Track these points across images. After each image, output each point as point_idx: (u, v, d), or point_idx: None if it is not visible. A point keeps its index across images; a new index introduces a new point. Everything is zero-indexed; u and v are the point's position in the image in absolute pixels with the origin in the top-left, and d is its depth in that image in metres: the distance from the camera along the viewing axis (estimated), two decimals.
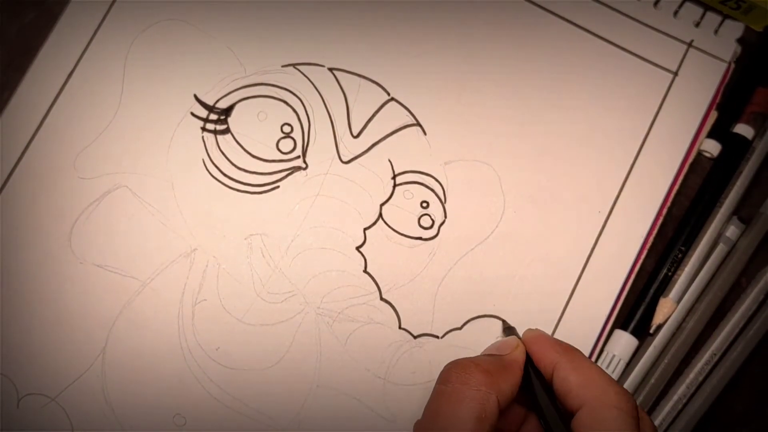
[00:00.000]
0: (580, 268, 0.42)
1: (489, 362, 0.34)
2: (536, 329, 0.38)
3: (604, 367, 0.42)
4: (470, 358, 0.35)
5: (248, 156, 0.43)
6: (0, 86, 0.44)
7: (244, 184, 0.43)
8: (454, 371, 0.33)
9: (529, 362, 0.36)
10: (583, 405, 0.33)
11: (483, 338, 0.41)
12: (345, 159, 0.43)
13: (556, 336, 0.41)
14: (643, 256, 0.43)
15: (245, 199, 0.43)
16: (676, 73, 0.44)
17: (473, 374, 0.33)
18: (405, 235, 0.42)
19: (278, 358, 0.41)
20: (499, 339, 0.39)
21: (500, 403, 0.33)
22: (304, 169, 0.43)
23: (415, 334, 0.41)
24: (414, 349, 0.41)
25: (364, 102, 0.44)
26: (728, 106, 0.45)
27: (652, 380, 0.41)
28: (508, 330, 0.41)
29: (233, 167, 0.43)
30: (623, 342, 0.42)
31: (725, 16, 0.45)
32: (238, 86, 0.44)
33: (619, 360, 0.42)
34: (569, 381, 0.34)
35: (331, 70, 0.44)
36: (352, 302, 0.42)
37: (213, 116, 0.43)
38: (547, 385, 0.35)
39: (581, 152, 0.43)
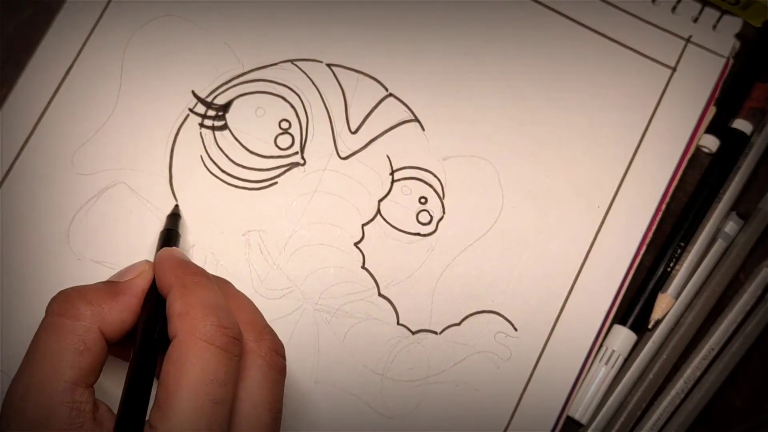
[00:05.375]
0: (579, 264, 0.42)
1: (95, 291, 0.32)
2: (169, 248, 0.35)
3: (603, 363, 0.42)
4: (78, 286, 0.32)
5: (246, 152, 0.43)
6: None
7: (242, 180, 0.43)
8: (56, 302, 0.32)
9: (153, 289, 0.33)
10: (175, 336, 0.30)
11: (481, 334, 0.41)
12: (343, 155, 0.43)
13: (555, 332, 0.41)
14: (642, 252, 0.43)
15: (243, 195, 0.43)
16: (674, 69, 0.44)
17: (74, 304, 0.31)
18: (403, 231, 0.42)
19: None
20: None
21: (107, 335, 0.31)
22: (302, 165, 0.43)
23: (414, 330, 0.41)
24: (412, 345, 0.41)
25: (362, 98, 0.44)
26: (727, 101, 0.45)
27: (651, 375, 0.41)
28: (162, 238, 0.39)
29: (231, 163, 0.43)
30: (622, 337, 0.42)
31: (724, 12, 0.45)
32: (236, 82, 0.44)
33: (618, 355, 0.42)
34: (173, 308, 0.31)
35: (329, 65, 0.44)
36: (350, 298, 0.42)
37: (211, 112, 0.43)
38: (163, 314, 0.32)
39: (580, 148, 0.43)
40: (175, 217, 0.41)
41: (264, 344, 0.32)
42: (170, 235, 0.39)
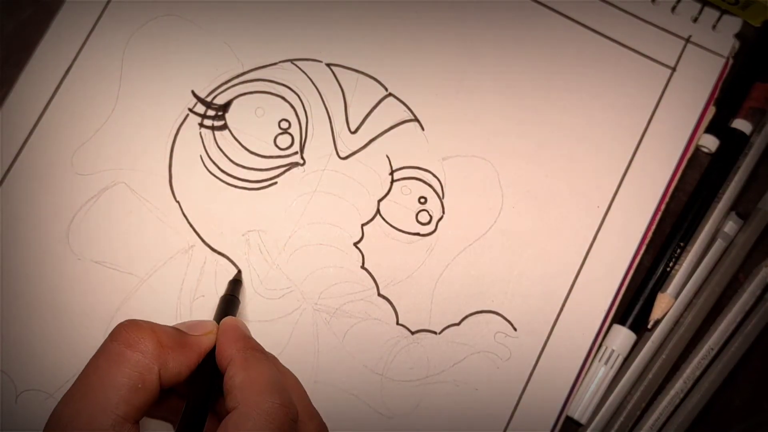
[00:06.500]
0: (579, 264, 0.42)
1: (167, 333, 0.32)
2: (234, 318, 0.36)
3: (602, 362, 0.42)
4: (151, 322, 0.32)
5: (246, 152, 0.43)
6: None
7: (242, 180, 0.43)
8: (126, 330, 0.31)
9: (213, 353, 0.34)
10: (236, 407, 0.30)
11: (481, 334, 0.41)
12: (342, 155, 0.43)
13: (555, 332, 0.41)
14: (641, 252, 0.43)
15: (243, 195, 0.43)
16: (674, 69, 0.44)
17: (144, 339, 0.31)
18: (403, 231, 0.42)
19: (276, 354, 0.41)
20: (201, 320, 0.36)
21: (162, 380, 0.31)
22: (302, 165, 0.43)
23: (413, 330, 0.41)
24: (412, 345, 0.41)
25: (361, 98, 0.44)
26: (726, 101, 0.45)
27: (650, 375, 0.42)
28: (224, 303, 0.39)
29: (231, 163, 0.43)
30: (621, 337, 0.42)
31: (723, 12, 0.45)
32: (236, 82, 0.44)
33: (618, 355, 0.42)
34: (234, 380, 0.31)
35: (328, 65, 0.44)
36: (350, 298, 0.42)
37: (211, 112, 0.43)
38: (217, 380, 0.33)
39: (579, 148, 0.43)
40: (237, 283, 0.41)
41: (313, 425, 0.33)
42: (231, 301, 0.39)
